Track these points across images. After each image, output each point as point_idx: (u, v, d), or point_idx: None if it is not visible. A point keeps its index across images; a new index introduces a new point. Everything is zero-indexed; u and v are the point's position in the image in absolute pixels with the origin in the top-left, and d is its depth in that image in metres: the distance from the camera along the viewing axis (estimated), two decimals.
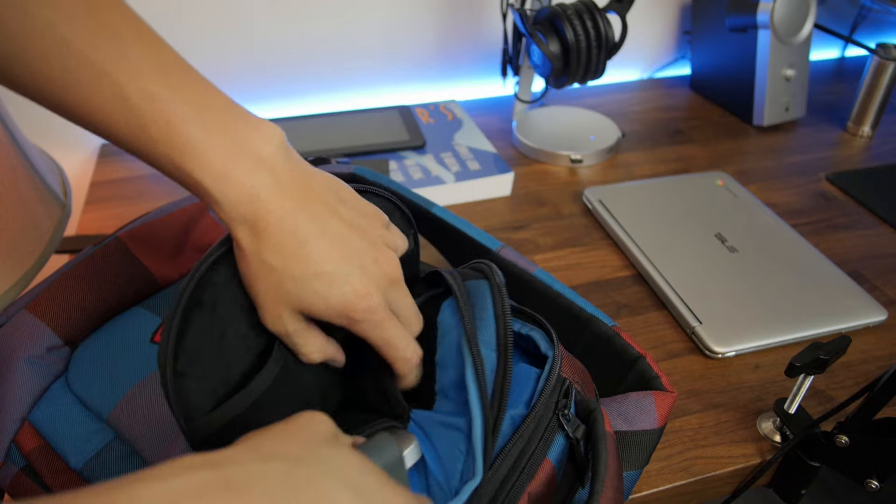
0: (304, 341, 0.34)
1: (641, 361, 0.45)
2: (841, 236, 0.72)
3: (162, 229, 0.49)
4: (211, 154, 0.31)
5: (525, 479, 0.34)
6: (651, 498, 0.47)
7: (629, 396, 0.43)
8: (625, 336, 0.46)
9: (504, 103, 0.98)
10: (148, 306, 0.46)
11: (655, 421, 0.42)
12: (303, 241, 0.32)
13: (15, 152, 0.47)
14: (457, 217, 0.55)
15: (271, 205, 0.32)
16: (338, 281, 0.32)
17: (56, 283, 0.43)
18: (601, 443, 0.35)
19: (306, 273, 0.32)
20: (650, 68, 1.10)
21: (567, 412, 0.36)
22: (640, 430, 0.41)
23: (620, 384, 0.46)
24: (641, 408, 0.42)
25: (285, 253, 0.32)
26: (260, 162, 0.32)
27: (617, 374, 0.46)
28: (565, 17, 0.73)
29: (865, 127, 0.92)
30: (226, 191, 0.31)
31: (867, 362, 0.57)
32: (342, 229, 0.34)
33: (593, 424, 0.36)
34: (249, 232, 0.32)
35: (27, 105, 0.83)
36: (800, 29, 0.88)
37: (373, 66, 0.95)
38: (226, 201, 0.31)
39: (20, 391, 0.40)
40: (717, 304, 0.60)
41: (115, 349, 0.43)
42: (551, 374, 0.36)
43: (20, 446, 0.39)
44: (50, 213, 0.50)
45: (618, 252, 0.69)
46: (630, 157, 0.86)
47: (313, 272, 0.32)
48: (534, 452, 0.35)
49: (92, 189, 0.78)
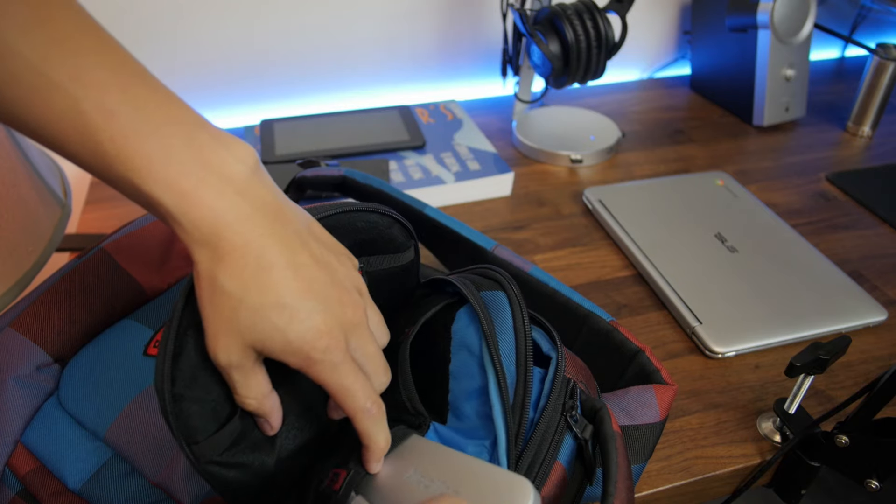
0: (245, 381, 0.31)
1: (641, 355, 0.45)
2: (841, 236, 0.72)
3: (146, 238, 0.47)
4: (172, 171, 0.29)
5: (539, 483, 0.34)
6: (651, 498, 0.47)
7: (630, 391, 0.43)
8: (623, 330, 0.46)
9: (504, 103, 0.98)
10: (137, 318, 0.45)
11: (657, 414, 0.42)
12: (266, 267, 0.30)
13: (15, 152, 0.47)
14: (450, 218, 0.55)
15: (237, 228, 0.29)
16: (299, 315, 0.30)
17: (41, 299, 0.42)
18: (611, 443, 0.35)
19: (265, 303, 0.29)
20: (650, 68, 1.10)
21: (574, 413, 0.36)
22: (642, 424, 0.41)
23: (621, 378, 0.47)
24: (643, 402, 0.42)
25: (245, 279, 0.29)
26: (228, 182, 0.30)
27: (617, 369, 0.47)
28: (565, 17, 0.73)
29: (865, 127, 0.92)
30: (188, 211, 0.29)
31: (867, 362, 0.57)
32: (310, 263, 0.31)
33: (601, 424, 0.36)
34: (210, 255, 0.30)
35: None
36: (800, 29, 0.88)
37: (373, 66, 0.95)
38: (187, 221, 0.29)
39: (11, 413, 0.39)
40: (717, 304, 0.60)
41: (108, 364, 0.41)
42: (557, 375, 0.36)
43: (14, 470, 0.38)
44: (50, 213, 0.50)
45: (618, 252, 0.69)
46: (630, 157, 0.86)
47: (273, 302, 0.30)
48: (545, 456, 0.35)
49: (92, 189, 0.78)
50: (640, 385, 0.43)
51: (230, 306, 0.30)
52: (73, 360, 0.42)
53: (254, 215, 0.30)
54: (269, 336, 0.30)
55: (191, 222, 0.29)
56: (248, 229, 0.30)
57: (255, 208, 0.30)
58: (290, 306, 0.30)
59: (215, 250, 0.29)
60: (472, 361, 0.37)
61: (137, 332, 0.43)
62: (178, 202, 0.29)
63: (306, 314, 0.30)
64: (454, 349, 0.38)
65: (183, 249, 0.49)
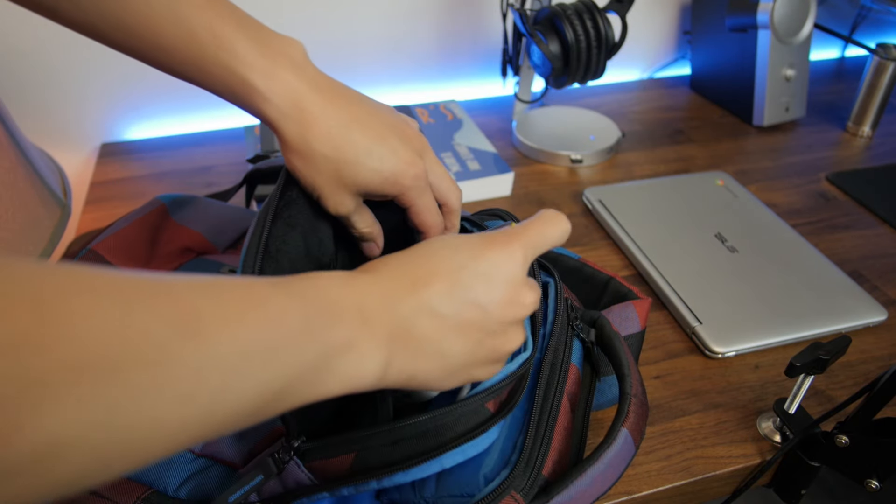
0: (360, 218, 0.40)
1: (613, 282, 0.53)
2: (841, 236, 0.72)
3: (131, 237, 0.49)
4: (255, 56, 0.35)
5: (562, 382, 0.40)
6: (651, 498, 0.47)
7: (613, 309, 0.50)
8: (591, 263, 0.54)
9: (504, 103, 0.98)
10: None
11: (639, 325, 0.50)
12: (347, 125, 0.36)
13: (15, 152, 0.47)
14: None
15: (313, 97, 0.36)
16: (386, 154, 0.37)
17: None
18: (616, 339, 0.43)
19: (358, 154, 0.36)
20: (650, 68, 1.10)
21: (578, 322, 0.44)
22: (628, 335, 0.49)
23: (599, 303, 0.54)
24: (625, 316, 0.49)
25: (335, 141, 0.36)
26: (296, 65, 0.36)
27: (593, 296, 0.54)
28: (565, 17, 0.73)
29: (865, 127, 0.92)
30: (272, 87, 0.35)
31: (867, 362, 0.57)
32: (372, 114, 0.38)
33: (602, 328, 0.44)
34: (297, 126, 0.36)
35: (28, 105, 0.83)
36: (800, 29, 0.88)
37: (373, 66, 0.95)
38: (274, 96, 0.35)
39: None
40: (717, 304, 0.60)
41: None
42: (558, 294, 0.43)
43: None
44: (50, 214, 0.50)
45: (618, 252, 0.69)
46: (630, 157, 0.86)
47: (364, 151, 0.37)
48: (563, 358, 0.41)
49: (92, 189, 0.78)
50: (620, 303, 0.50)
51: (332, 167, 0.37)
52: None
53: (321, 86, 0.37)
54: (368, 179, 0.37)
55: (277, 97, 0.35)
56: (321, 98, 0.36)
57: (319, 82, 0.37)
58: (377, 150, 0.37)
59: (300, 121, 0.36)
60: None
61: None
62: (263, 80, 0.35)
63: (391, 151, 0.37)
64: None
65: (163, 249, 0.51)
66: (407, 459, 0.33)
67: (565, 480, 0.36)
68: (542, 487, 0.37)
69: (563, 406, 0.40)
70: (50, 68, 0.81)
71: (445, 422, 0.33)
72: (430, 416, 0.33)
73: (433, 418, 0.33)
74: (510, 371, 0.36)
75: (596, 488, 0.37)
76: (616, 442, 0.38)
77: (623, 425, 0.39)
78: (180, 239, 0.52)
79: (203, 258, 0.52)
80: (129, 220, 0.50)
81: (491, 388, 0.35)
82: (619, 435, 0.38)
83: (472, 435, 0.34)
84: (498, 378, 0.35)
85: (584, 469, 0.37)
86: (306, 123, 0.36)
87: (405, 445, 0.33)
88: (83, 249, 0.47)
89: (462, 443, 0.33)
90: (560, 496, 0.36)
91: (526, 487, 0.36)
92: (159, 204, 0.52)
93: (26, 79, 0.81)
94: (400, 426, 0.33)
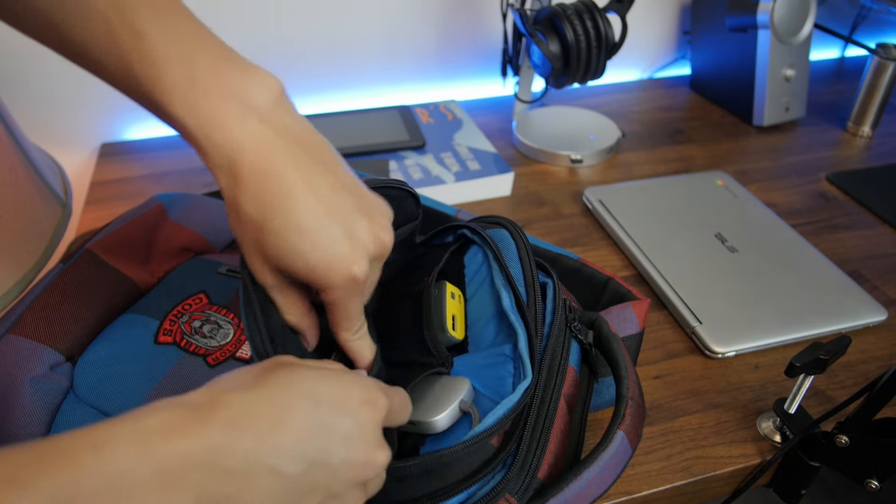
0: (284, 301, 0.33)
1: (612, 282, 0.53)
2: (841, 236, 0.72)
3: (128, 237, 0.49)
4: (196, 96, 0.30)
5: (559, 384, 0.40)
6: (651, 498, 0.47)
7: (611, 310, 0.49)
8: (590, 264, 0.54)
9: (504, 103, 0.98)
10: (138, 311, 0.46)
11: (637, 326, 0.49)
12: (286, 192, 0.30)
13: (15, 152, 0.47)
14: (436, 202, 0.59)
15: (257, 152, 0.30)
16: (323, 240, 0.30)
17: (38, 303, 0.42)
18: (613, 341, 0.43)
19: (287, 226, 0.30)
20: (650, 68, 1.10)
21: (576, 323, 0.43)
22: (626, 336, 0.49)
23: (598, 304, 0.54)
24: (624, 317, 0.49)
25: (266, 204, 0.30)
26: (251, 109, 0.30)
27: (592, 297, 0.54)
28: (565, 17, 0.73)
29: (865, 127, 0.92)
30: (210, 134, 0.30)
31: (867, 362, 0.57)
32: (335, 186, 0.31)
33: (600, 330, 0.43)
34: (232, 180, 0.30)
35: (28, 105, 0.83)
36: (800, 29, 0.88)
37: (373, 66, 0.95)
38: (209, 145, 0.30)
39: (32, 414, 0.39)
40: (717, 304, 0.60)
41: (121, 357, 0.43)
42: (556, 295, 0.43)
43: None
44: (50, 213, 0.50)
45: (618, 252, 0.69)
46: (630, 157, 0.86)
47: (294, 226, 0.30)
48: (561, 360, 0.41)
49: (92, 189, 0.78)
50: (619, 304, 0.50)
51: (254, 230, 0.30)
52: (83, 356, 0.43)
53: (276, 141, 0.30)
54: (291, 261, 0.31)
55: (213, 146, 0.30)
56: (269, 154, 0.30)
57: (278, 134, 0.31)
58: (311, 229, 0.30)
59: (237, 175, 0.30)
60: (486, 293, 0.43)
61: (142, 324, 0.45)
62: (200, 125, 0.30)
63: (330, 239, 0.30)
64: (468, 281, 0.45)
65: (162, 248, 0.51)
66: (413, 501, 0.34)
67: (560, 483, 0.36)
68: (538, 490, 0.37)
69: (560, 408, 0.40)
70: (50, 69, 0.81)
71: (450, 461, 0.34)
72: (436, 455, 0.34)
73: (440, 457, 0.34)
74: (513, 402, 0.36)
75: (592, 491, 0.38)
76: (612, 445, 0.38)
77: (619, 428, 0.39)
78: (178, 238, 0.51)
79: (201, 257, 0.52)
80: (126, 219, 0.50)
81: (495, 425, 0.35)
82: (615, 438, 0.38)
83: (477, 477, 0.35)
84: (501, 414, 0.36)
85: (579, 472, 0.37)
86: (238, 179, 0.30)
87: (411, 482, 0.34)
88: (80, 250, 0.46)
89: (470, 485, 0.35)
90: (555, 499, 0.36)
91: (521, 490, 0.36)
92: (157, 203, 0.52)
93: (27, 79, 0.81)
94: (403, 465, 0.34)
